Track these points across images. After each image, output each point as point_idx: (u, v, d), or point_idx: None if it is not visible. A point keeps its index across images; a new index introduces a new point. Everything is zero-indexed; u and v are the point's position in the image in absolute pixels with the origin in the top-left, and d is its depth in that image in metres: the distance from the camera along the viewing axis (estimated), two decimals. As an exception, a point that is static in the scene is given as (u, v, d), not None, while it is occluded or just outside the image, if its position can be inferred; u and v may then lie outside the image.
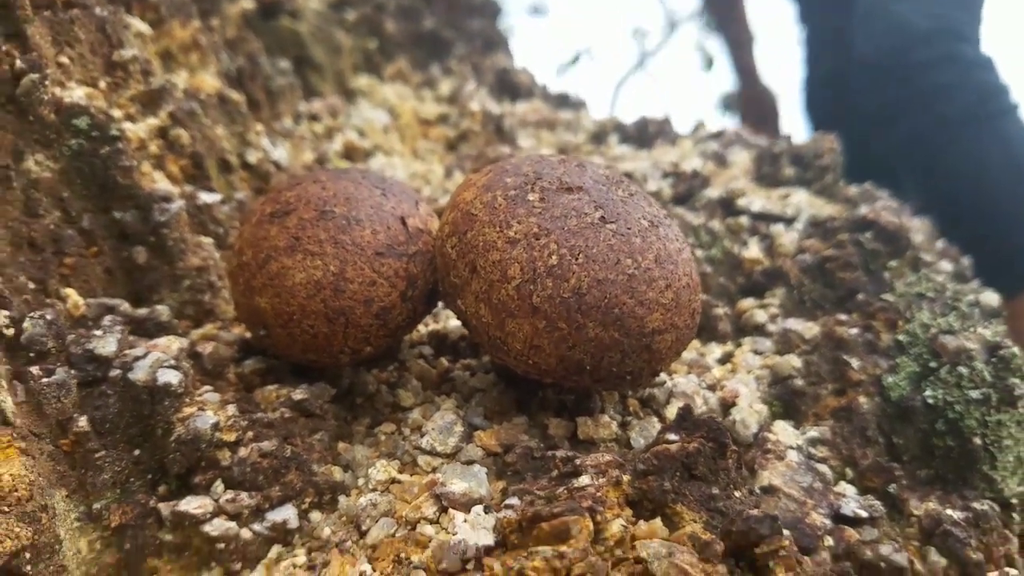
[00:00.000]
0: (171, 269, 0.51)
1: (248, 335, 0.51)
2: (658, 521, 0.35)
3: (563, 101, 1.08)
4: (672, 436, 0.38)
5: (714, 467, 0.38)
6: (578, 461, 0.38)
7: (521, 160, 0.46)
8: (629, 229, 0.41)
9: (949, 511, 0.50)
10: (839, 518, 0.46)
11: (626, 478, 0.38)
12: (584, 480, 0.37)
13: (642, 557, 0.32)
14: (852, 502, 0.46)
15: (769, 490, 0.46)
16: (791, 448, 0.48)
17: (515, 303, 0.40)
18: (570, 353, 0.40)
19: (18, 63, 0.48)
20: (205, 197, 0.55)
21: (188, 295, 0.52)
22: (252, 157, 0.65)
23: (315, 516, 0.41)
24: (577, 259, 0.40)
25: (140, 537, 0.39)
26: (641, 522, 0.35)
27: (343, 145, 0.83)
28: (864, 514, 0.46)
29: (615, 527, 0.34)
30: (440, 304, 0.52)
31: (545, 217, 0.41)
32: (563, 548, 0.31)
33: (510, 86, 1.12)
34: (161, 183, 0.54)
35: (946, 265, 0.71)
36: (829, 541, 0.44)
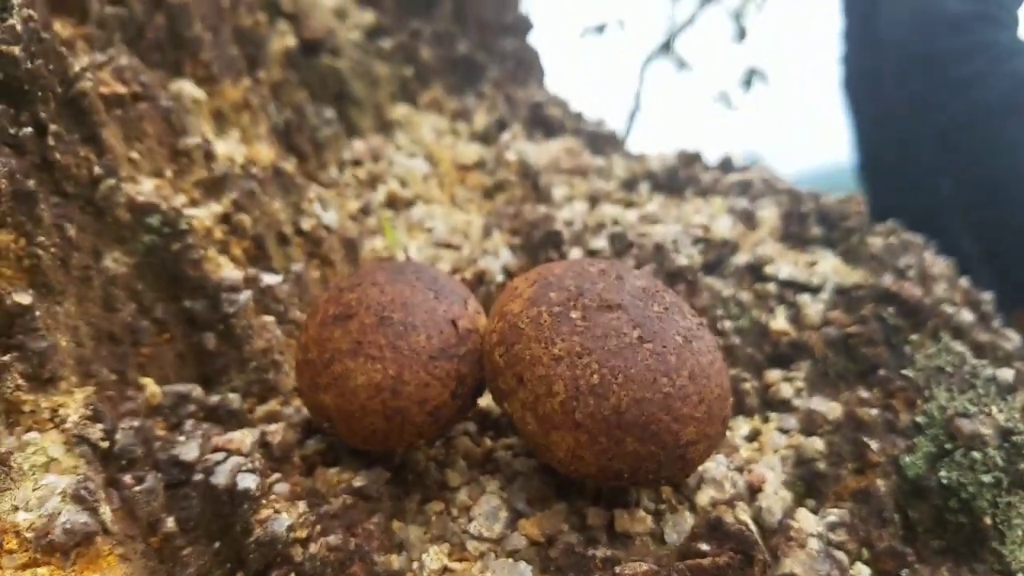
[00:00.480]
0: (239, 353, 0.55)
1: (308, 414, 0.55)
2: (689, 630, 0.39)
3: (595, 137, 1.11)
4: (704, 546, 0.42)
5: None
6: (617, 569, 0.42)
7: (564, 271, 0.49)
8: (664, 347, 0.45)
9: (961, 590, 0.54)
10: (855, 604, 0.50)
11: (660, 585, 0.41)
12: (622, 589, 0.41)
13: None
14: (868, 588, 0.50)
15: (791, 578, 0.49)
16: (812, 536, 0.51)
17: (559, 417, 0.44)
18: (610, 464, 0.44)
19: (96, 168, 0.52)
20: (267, 279, 0.60)
21: (254, 375, 0.56)
22: (306, 225, 0.69)
23: (376, 603, 0.46)
24: (617, 379, 0.43)
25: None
26: (674, 630, 0.39)
27: (386, 195, 0.87)
28: (878, 601, 0.50)
29: (651, 640, 0.38)
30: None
31: (587, 336, 0.45)
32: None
33: (543, 120, 1.15)
34: (226, 269, 0.58)
35: (967, 316, 0.74)
36: (845, 629, 0.48)
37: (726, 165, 1.04)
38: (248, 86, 0.83)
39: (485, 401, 0.62)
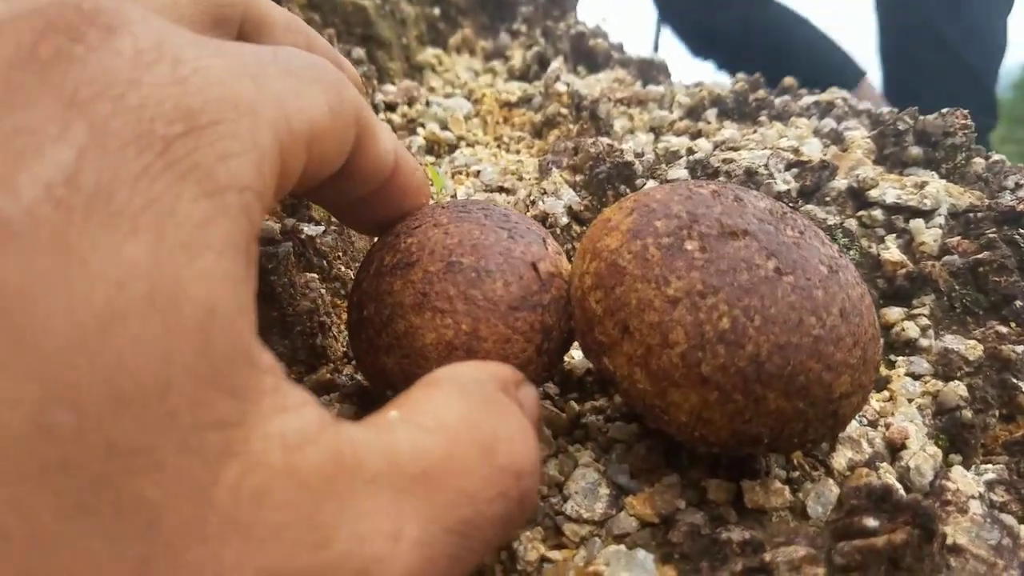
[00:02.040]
0: (281, 316, 0.47)
1: (363, 380, 0.48)
2: (867, 629, 0.31)
3: (645, 67, 1.01)
4: (871, 522, 0.34)
5: (920, 555, 0.34)
6: (767, 557, 0.34)
7: (668, 195, 0.40)
8: (809, 280, 0.36)
9: None
10: (1031, 577, 0.41)
11: (822, 572, 0.33)
12: (777, 581, 0.33)
13: None
14: (1045, 558, 0.42)
15: (955, 550, 0.41)
16: (972, 498, 0.43)
17: (680, 372, 0.36)
18: (746, 427, 0.36)
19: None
20: (308, 230, 0.51)
21: (300, 340, 0.48)
22: (342, 170, 0.60)
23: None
24: (753, 321, 0.35)
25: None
26: (846, 628, 0.31)
27: (425, 139, 0.78)
28: (1060, 573, 0.41)
29: (826, 645, 0.30)
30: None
31: (710, 271, 0.36)
32: None
33: (586, 53, 1.05)
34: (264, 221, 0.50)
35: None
36: (1025, 608, 0.40)
37: (791, 89, 0.94)
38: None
39: (567, 360, 0.54)
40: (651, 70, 1.01)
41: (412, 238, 0.42)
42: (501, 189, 0.71)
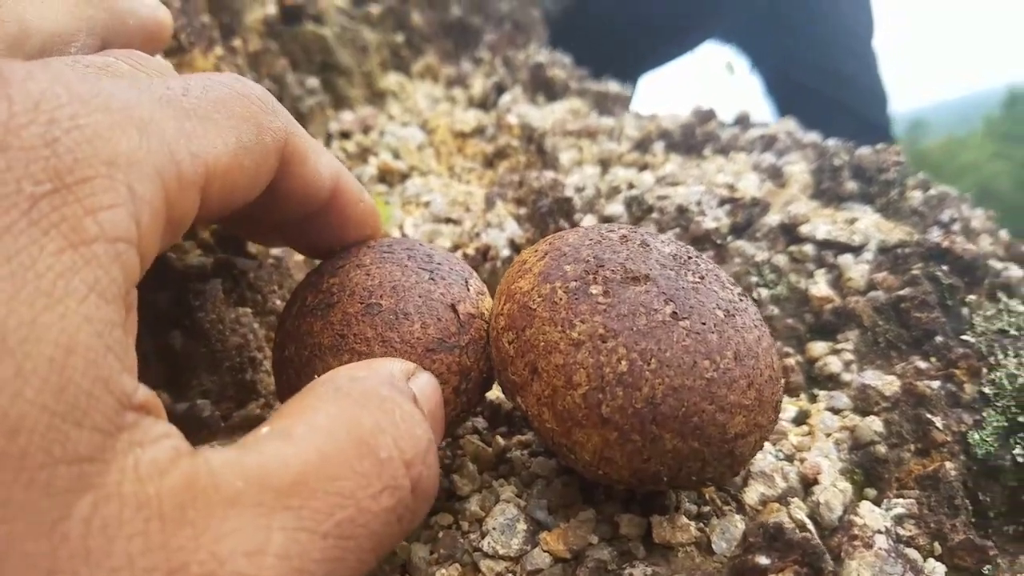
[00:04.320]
0: (210, 351, 0.48)
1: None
2: (752, 664, 0.32)
3: (603, 97, 1.03)
4: (762, 559, 0.35)
5: (808, 592, 0.35)
6: (660, 594, 0.35)
7: (579, 239, 0.42)
8: (704, 324, 0.38)
9: (1047, 587, 0.47)
10: (932, 610, 0.43)
11: (712, 609, 0.35)
12: (668, 618, 0.34)
13: None
14: (946, 590, 0.43)
15: (858, 585, 0.42)
16: (878, 532, 0.44)
17: (582, 412, 0.37)
18: (645, 465, 0.37)
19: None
20: (241, 264, 0.52)
21: (229, 376, 0.49)
22: (285, 204, 0.62)
23: (377, 639, 0.39)
24: (649, 364, 0.36)
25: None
26: (732, 664, 0.32)
27: (378, 168, 0.79)
28: (960, 605, 0.43)
29: None
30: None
31: (611, 316, 0.37)
32: None
33: (544, 82, 1.07)
34: (192, 254, 0.51)
35: (1016, 272, 0.66)
36: (924, 640, 0.41)
37: (744, 121, 0.96)
38: (221, 55, 0.75)
39: (495, 393, 0.55)
40: (607, 101, 1.03)
41: (335, 278, 0.43)
42: (448, 220, 0.72)
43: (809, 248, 0.63)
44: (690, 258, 0.42)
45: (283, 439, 0.28)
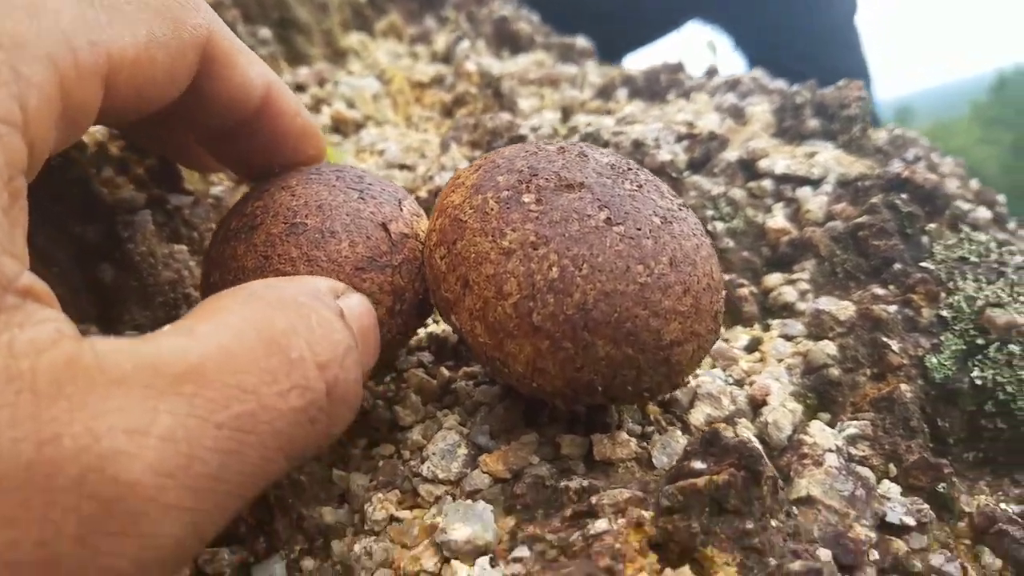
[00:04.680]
0: (141, 286, 0.47)
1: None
2: (686, 570, 0.31)
3: (568, 50, 1.01)
4: (698, 464, 0.34)
5: (747, 497, 0.34)
6: (594, 500, 0.34)
7: (515, 152, 0.40)
8: (639, 230, 0.36)
9: (1003, 506, 0.46)
10: (884, 526, 0.42)
11: (648, 515, 0.33)
12: (601, 525, 0.33)
13: (668, 626, 0.28)
14: (898, 507, 0.42)
15: (807, 502, 0.41)
16: (829, 451, 0.43)
17: (513, 322, 0.36)
18: (578, 374, 0.36)
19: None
20: (176, 200, 0.51)
21: (162, 311, 0.47)
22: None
23: (308, 564, 0.38)
24: (581, 270, 0.35)
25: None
26: (668, 570, 0.31)
27: (331, 118, 0.77)
28: (912, 521, 0.42)
29: (637, 585, 0.30)
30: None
31: (543, 223, 0.36)
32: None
33: (509, 36, 1.05)
34: (125, 189, 0.49)
35: (984, 212, 0.65)
36: (875, 555, 0.40)
37: (712, 72, 0.94)
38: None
39: (442, 327, 0.54)
40: (572, 53, 1.01)
41: (259, 201, 0.42)
42: (403, 167, 0.70)
43: (768, 183, 0.62)
44: (630, 168, 0.40)
45: (185, 334, 0.27)
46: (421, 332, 0.53)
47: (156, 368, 0.25)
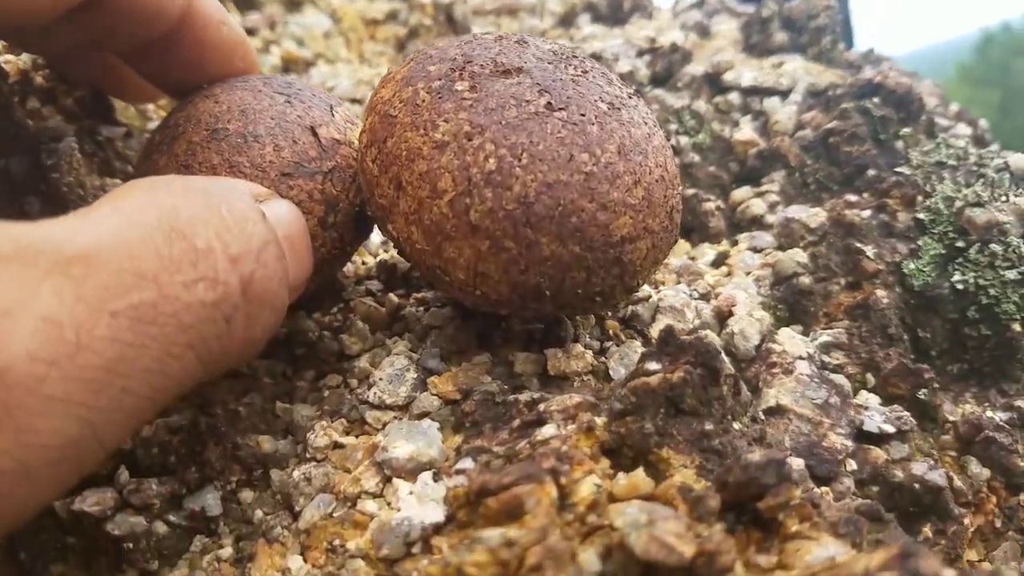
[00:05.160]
0: (65, 217, 0.43)
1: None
2: (640, 472, 0.28)
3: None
4: (653, 365, 0.31)
5: (705, 398, 0.31)
6: (542, 407, 0.31)
7: (449, 43, 0.37)
8: (583, 116, 0.33)
9: (990, 413, 0.43)
10: (862, 436, 0.39)
11: (600, 421, 0.31)
12: (548, 431, 0.30)
13: (617, 526, 0.25)
14: (876, 415, 0.40)
15: (777, 411, 0.39)
16: (800, 359, 0.41)
17: (450, 223, 0.33)
18: (523, 277, 0.33)
19: None
20: (107, 131, 0.47)
21: (90, 245, 0.44)
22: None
23: (246, 496, 0.35)
24: (520, 160, 0.32)
25: (38, 542, 0.33)
26: (620, 475, 0.29)
27: (281, 58, 0.74)
28: (891, 428, 0.39)
29: (585, 488, 0.27)
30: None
31: (477, 111, 0.33)
32: (512, 532, 0.25)
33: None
34: (51, 119, 0.46)
35: (964, 129, 0.63)
36: (852, 465, 0.38)
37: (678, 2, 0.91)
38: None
39: (391, 254, 0.51)
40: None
41: (182, 112, 0.39)
42: (354, 100, 0.67)
43: (734, 96, 0.59)
44: (575, 56, 0.37)
45: (78, 218, 0.24)
46: (371, 261, 0.50)
47: (39, 249, 0.22)
